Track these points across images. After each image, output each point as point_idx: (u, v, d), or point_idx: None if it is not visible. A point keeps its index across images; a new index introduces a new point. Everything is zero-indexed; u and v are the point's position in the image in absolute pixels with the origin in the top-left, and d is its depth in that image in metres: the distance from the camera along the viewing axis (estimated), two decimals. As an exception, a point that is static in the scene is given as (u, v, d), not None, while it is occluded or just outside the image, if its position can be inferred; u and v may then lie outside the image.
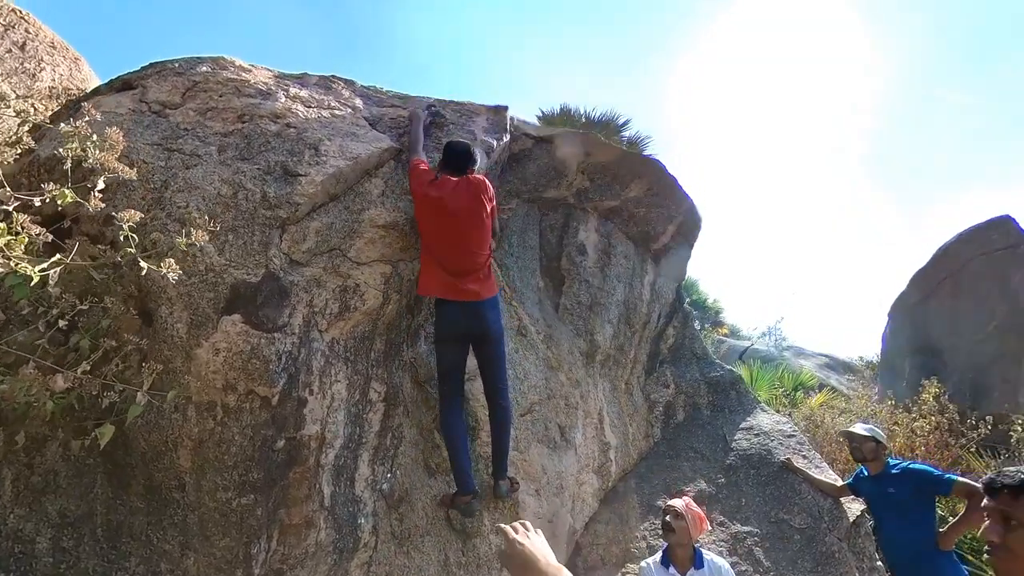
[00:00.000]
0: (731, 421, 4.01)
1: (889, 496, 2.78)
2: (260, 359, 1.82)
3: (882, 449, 2.95)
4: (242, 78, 2.47)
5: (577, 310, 3.64)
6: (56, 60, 3.67)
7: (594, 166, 3.73)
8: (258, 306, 1.86)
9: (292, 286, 1.96)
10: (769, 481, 3.47)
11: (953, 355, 6.46)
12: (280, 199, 1.98)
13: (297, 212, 2.00)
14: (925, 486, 2.68)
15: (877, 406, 6.52)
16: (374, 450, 2.22)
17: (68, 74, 3.74)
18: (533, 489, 2.76)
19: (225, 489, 1.81)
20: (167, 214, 1.94)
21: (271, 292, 1.90)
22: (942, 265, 6.73)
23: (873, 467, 2.93)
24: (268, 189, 1.99)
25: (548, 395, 3.13)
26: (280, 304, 1.91)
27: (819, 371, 9.52)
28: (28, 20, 3.58)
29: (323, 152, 2.15)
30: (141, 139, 2.12)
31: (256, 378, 1.82)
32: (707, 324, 11.53)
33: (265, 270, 1.91)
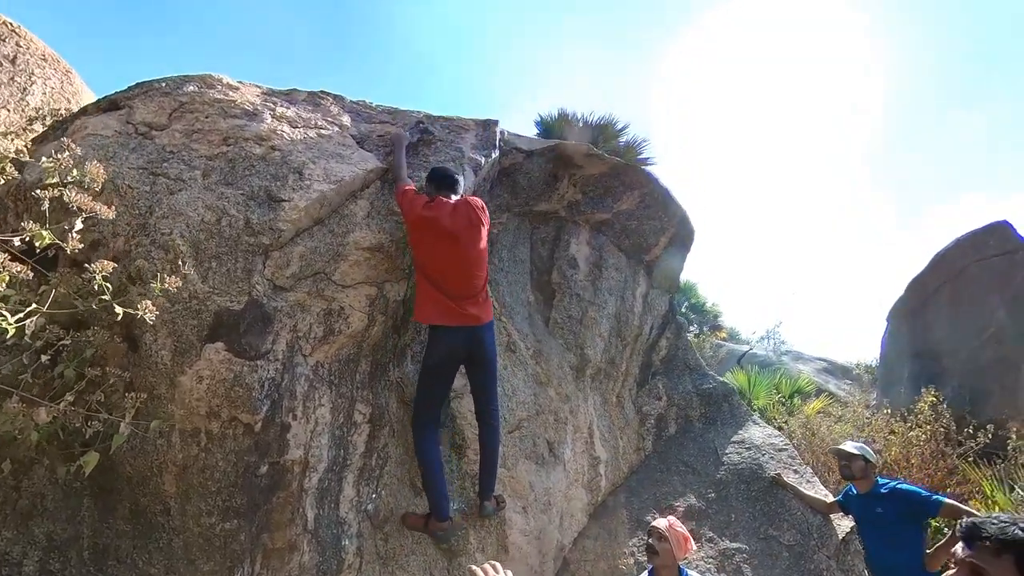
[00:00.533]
0: (723, 434, 4.05)
1: (876, 516, 2.81)
2: (243, 387, 1.85)
3: (871, 468, 2.98)
4: (229, 98, 2.50)
5: (568, 324, 3.67)
6: (47, 73, 3.70)
7: (586, 179, 3.76)
8: (241, 334, 1.89)
9: (276, 312, 2.00)
10: (759, 496, 3.50)
11: (952, 361, 6.49)
12: (263, 225, 2.01)
13: (280, 238, 2.03)
14: (912, 507, 2.71)
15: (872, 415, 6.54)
16: (359, 471, 2.26)
17: (59, 87, 3.77)
18: (520, 506, 2.80)
19: (209, 514, 1.85)
20: (151, 241, 1.98)
21: (254, 319, 1.93)
22: (940, 271, 6.75)
23: (862, 486, 2.96)
24: (251, 215, 2.02)
25: (537, 411, 3.16)
26: (263, 331, 1.94)
27: (817, 376, 9.55)
28: (19, 33, 3.60)
29: (307, 176, 2.18)
30: (127, 163, 2.15)
31: (239, 405, 1.86)
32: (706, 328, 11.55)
33: (248, 297, 1.94)
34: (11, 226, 1.99)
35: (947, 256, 6.64)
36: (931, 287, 6.79)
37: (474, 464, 2.65)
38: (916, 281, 7.07)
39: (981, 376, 6.06)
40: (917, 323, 6.97)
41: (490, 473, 2.48)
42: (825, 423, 6.34)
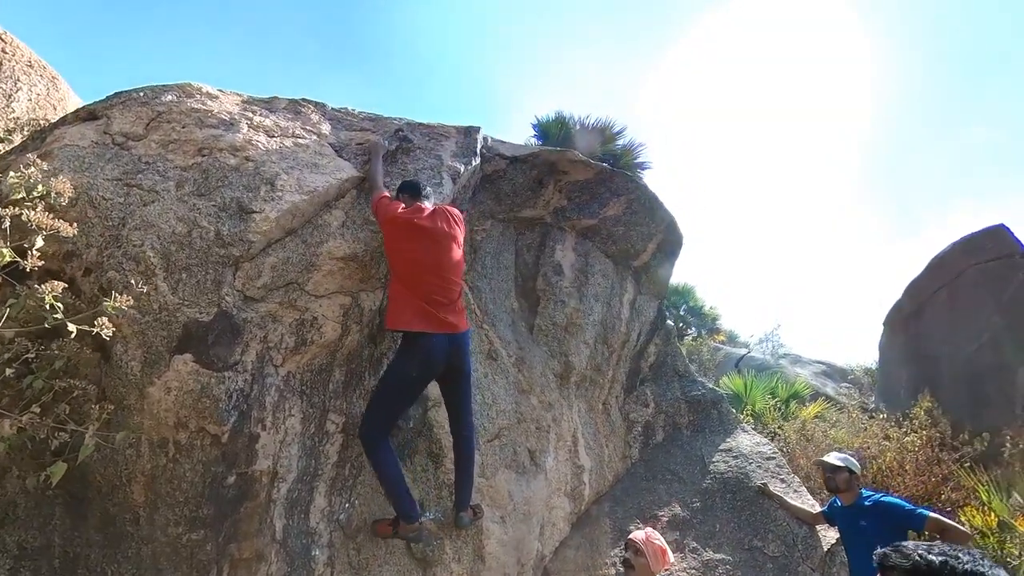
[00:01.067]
0: (710, 442, 4.05)
1: (860, 529, 2.80)
2: (210, 398, 1.88)
3: (855, 479, 2.97)
4: (206, 107, 2.53)
5: (552, 331, 3.68)
6: (33, 80, 3.75)
7: (571, 185, 3.77)
8: (209, 345, 1.92)
9: (245, 323, 2.02)
10: (745, 506, 3.50)
11: (949, 366, 6.47)
12: (234, 237, 2.04)
13: (251, 250, 2.06)
14: (896, 521, 2.69)
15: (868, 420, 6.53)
16: (331, 481, 2.28)
17: (45, 93, 3.82)
18: (499, 516, 2.81)
19: (176, 524, 1.88)
20: (123, 252, 2.01)
21: (223, 330, 1.96)
22: (937, 274, 6.73)
23: (846, 498, 2.96)
24: (222, 227, 2.05)
25: (518, 419, 3.17)
26: (232, 342, 1.97)
27: (816, 379, 9.52)
28: (4, 39, 3.65)
29: (279, 187, 2.20)
30: (102, 174, 2.19)
31: (206, 416, 1.88)
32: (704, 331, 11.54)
33: (217, 309, 1.97)
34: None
35: (944, 260, 6.62)
36: (928, 291, 6.77)
37: (451, 474, 2.67)
38: (913, 285, 7.05)
39: (978, 381, 6.04)
40: (914, 327, 6.95)
41: (466, 484, 2.48)
42: (820, 428, 6.33)
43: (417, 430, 2.67)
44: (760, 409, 6.82)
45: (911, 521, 2.67)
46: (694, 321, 11.79)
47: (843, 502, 2.97)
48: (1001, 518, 4.43)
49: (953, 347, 6.35)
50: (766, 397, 7.04)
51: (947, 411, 5.88)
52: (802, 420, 6.34)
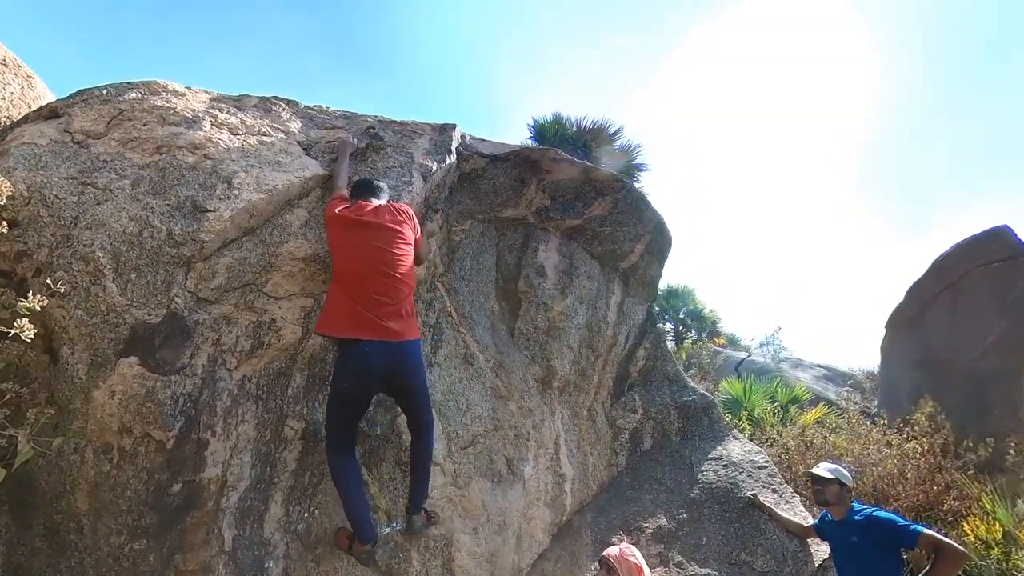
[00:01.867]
0: (700, 450, 3.96)
1: (851, 545, 2.70)
2: (155, 402, 1.83)
3: (846, 492, 2.86)
4: (170, 105, 2.50)
5: (534, 335, 3.62)
6: (7, 78, 3.73)
7: (555, 184, 3.71)
8: (156, 348, 1.87)
9: (197, 325, 1.97)
10: (733, 518, 3.41)
11: (952, 370, 6.34)
12: (185, 236, 2.00)
13: (203, 249, 2.02)
14: (889, 537, 2.58)
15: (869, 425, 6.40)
16: (289, 490, 2.23)
17: (19, 92, 3.80)
18: (471, 527, 2.74)
19: (119, 533, 1.83)
20: (73, 252, 1.97)
21: (171, 332, 1.91)
22: (939, 276, 6.62)
23: (837, 511, 2.85)
24: (174, 226, 2.01)
25: (495, 426, 3.11)
26: (180, 345, 1.92)
27: (817, 383, 9.39)
28: (-21, 39, 3.64)
29: (236, 185, 2.16)
30: (57, 172, 2.15)
31: (151, 421, 1.83)
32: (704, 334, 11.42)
33: (167, 310, 1.92)
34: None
35: (947, 261, 6.51)
36: (931, 293, 6.65)
37: (421, 482, 2.61)
38: (915, 287, 6.93)
39: (981, 386, 5.91)
40: (916, 331, 6.83)
41: (420, 486, 2.36)
42: (820, 434, 6.22)
43: (385, 436, 2.61)
44: (759, 414, 6.72)
45: (904, 538, 2.56)
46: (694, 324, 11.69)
47: (834, 516, 2.87)
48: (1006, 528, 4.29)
49: (956, 351, 6.23)
50: (765, 402, 6.94)
51: (950, 416, 5.75)
52: (802, 426, 6.23)
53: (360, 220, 2.16)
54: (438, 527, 2.63)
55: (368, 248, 2.12)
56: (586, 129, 9.83)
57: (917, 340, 6.78)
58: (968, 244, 6.34)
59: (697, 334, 11.50)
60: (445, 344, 3.03)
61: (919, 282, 6.91)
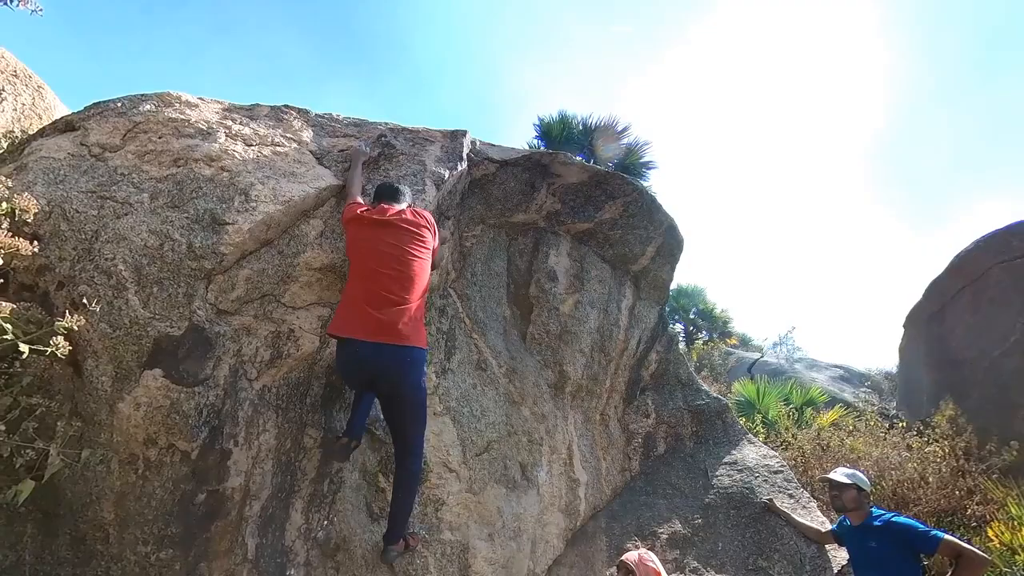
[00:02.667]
0: (714, 454, 4.00)
1: (870, 551, 2.72)
2: (180, 414, 1.90)
3: (864, 497, 2.88)
4: (184, 116, 2.57)
5: (546, 340, 3.66)
6: (18, 89, 3.84)
7: (565, 188, 3.76)
8: (179, 360, 1.94)
9: (218, 337, 2.04)
10: (749, 523, 3.44)
11: (973, 370, 6.31)
12: (205, 250, 2.06)
13: (223, 262, 2.08)
14: (909, 542, 2.60)
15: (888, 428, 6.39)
16: (309, 498, 2.29)
17: (31, 103, 3.91)
18: (486, 533, 2.80)
19: (145, 543, 1.90)
20: (95, 266, 2.04)
21: (194, 344, 1.98)
22: (959, 274, 6.58)
23: (855, 517, 2.87)
24: (194, 239, 2.08)
25: (508, 432, 3.16)
26: (203, 356, 1.99)
27: (833, 384, 9.36)
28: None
29: (254, 197, 2.23)
30: (76, 187, 2.23)
31: (176, 433, 1.90)
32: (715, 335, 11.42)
33: (189, 323, 1.99)
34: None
35: (967, 258, 6.47)
36: (950, 291, 6.62)
37: (435, 489, 2.67)
38: (934, 285, 6.90)
39: (1005, 386, 5.88)
40: (936, 330, 6.80)
41: (399, 515, 2.26)
42: (837, 437, 6.22)
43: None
44: (774, 417, 6.73)
45: (924, 543, 2.58)
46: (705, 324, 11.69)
47: (852, 521, 2.89)
48: (1033, 534, 4.28)
49: (978, 350, 6.20)
50: (780, 404, 6.94)
51: (972, 418, 5.73)
52: (818, 428, 6.23)
53: (379, 220, 2.22)
54: (454, 533, 2.70)
55: (383, 244, 2.14)
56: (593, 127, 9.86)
57: (937, 339, 6.76)
58: (989, 239, 6.30)
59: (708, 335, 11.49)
60: (459, 350, 3.08)
61: (938, 279, 6.88)
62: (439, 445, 2.77)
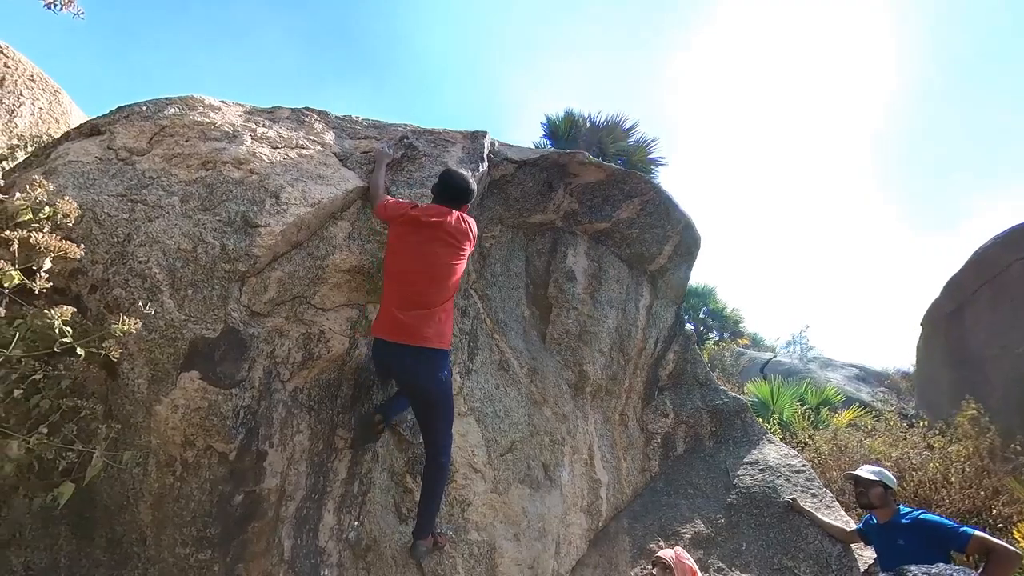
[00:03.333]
0: (735, 454, 4.03)
1: (898, 548, 2.73)
2: (217, 415, 1.94)
3: (891, 495, 2.90)
4: (209, 120, 2.62)
5: (566, 340, 3.70)
6: (36, 94, 3.90)
7: (582, 187, 3.80)
8: (216, 362, 1.98)
9: (252, 339, 2.09)
10: (773, 523, 3.47)
11: (995, 368, 6.32)
12: (239, 252, 2.11)
13: (256, 264, 2.13)
14: (938, 540, 2.60)
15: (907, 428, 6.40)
16: (340, 498, 2.33)
17: (48, 107, 3.97)
18: (512, 533, 2.84)
19: (183, 544, 1.94)
20: (129, 269, 2.09)
21: (230, 346, 2.02)
22: (978, 271, 6.59)
23: (881, 515, 2.89)
24: (227, 242, 2.12)
25: (531, 432, 3.20)
26: (239, 358, 2.03)
27: (849, 384, 9.37)
28: (7, 54, 3.81)
29: (284, 200, 2.27)
30: (106, 190, 2.28)
31: (214, 434, 1.94)
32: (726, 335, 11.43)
33: (224, 324, 2.04)
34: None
35: (987, 254, 6.48)
36: (970, 288, 6.63)
37: (461, 489, 2.71)
38: (953, 282, 6.91)
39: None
40: (955, 328, 6.81)
41: (428, 510, 2.34)
42: (855, 437, 6.23)
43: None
44: (789, 417, 6.74)
45: (954, 540, 2.59)
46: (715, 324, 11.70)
47: (879, 519, 2.92)
48: (1061, 534, 4.29)
49: (999, 348, 6.21)
50: (795, 404, 6.96)
51: (995, 417, 5.73)
52: (834, 428, 6.25)
53: (425, 222, 2.26)
54: (480, 533, 2.74)
55: (422, 248, 2.22)
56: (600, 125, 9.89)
57: (956, 337, 6.76)
58: (1009, 235, 6.31)
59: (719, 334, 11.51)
60: (481, 351, 3.13)
61: (956, 277, 6.89)
62: (464, 445, 2.81)
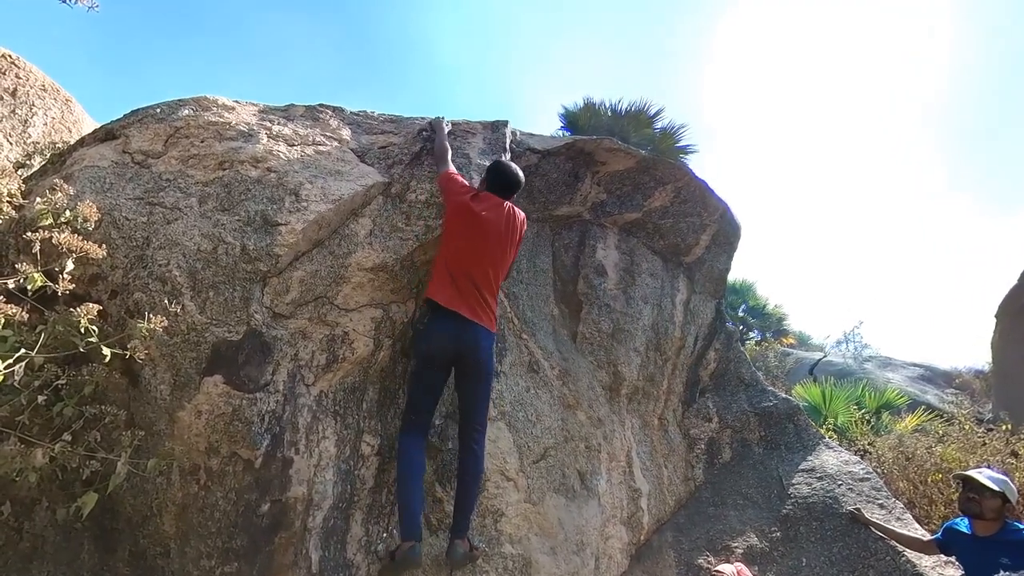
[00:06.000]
0: (788, 461, 3.93)
1: (1000, 566, 2.53)
2: (242, 421, 1.99)
3: (1008, 510, 2.67)
4: (224, 119, 2.70)
5: (598, 339, 3.68)
6: (48, 103, 4.10)
7: (611, 176, 3.79)
8: (239, 365, 2.04)
9: (275, 341, 2.14)
10: (836, 537, 3.37)
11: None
12: (260, 252, 2.17)
13: (278, 264, 2.18)
14: None
15: (985, 433, 6.14)
16: (368, 508, 2.36)
17: (60, 116, 4.16)
18: (548, 547, 2.82)
19: (208, 556, 1.99)
20: (149, 272, 2.16)
21: (253, 349, 2.08)
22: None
23: (984, 527, 2.68)
24: (248, 242, 2.18)
25: (565, 438, 3.18)
26: (263, 361, 2.08)
27: (912, 385, 9.04)
28: (19, 64, 4.02)
29: (304, 197, 2.33)
30: (123, 194, 2.37)
31: (238, 440, 1.99)
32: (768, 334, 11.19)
33: (247, 327, 2.09)
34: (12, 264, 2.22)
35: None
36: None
37: (493, 499, 2.71)
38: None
39: None
40: (1035, 319, 6.52)
41: (468, 505, 2.39)
42: (924, 444, 5.98)
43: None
44: (844, 423, 6.55)
45: None
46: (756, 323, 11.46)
47: (978, 531, 2.71)
48: None
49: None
50: (850, 408, 6.75)
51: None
52: (898, 435, 6.04)
53: (484, 223, 2.48)
54: (515, 546, 2.72)
55: (480, 248, 2.47)
56: (622, 113, 9.81)
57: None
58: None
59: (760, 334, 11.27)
60: (509, 352, 3.13)
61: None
62: (495, 452, 2.81)
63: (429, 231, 2.60)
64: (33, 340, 1.84)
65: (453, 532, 2.38)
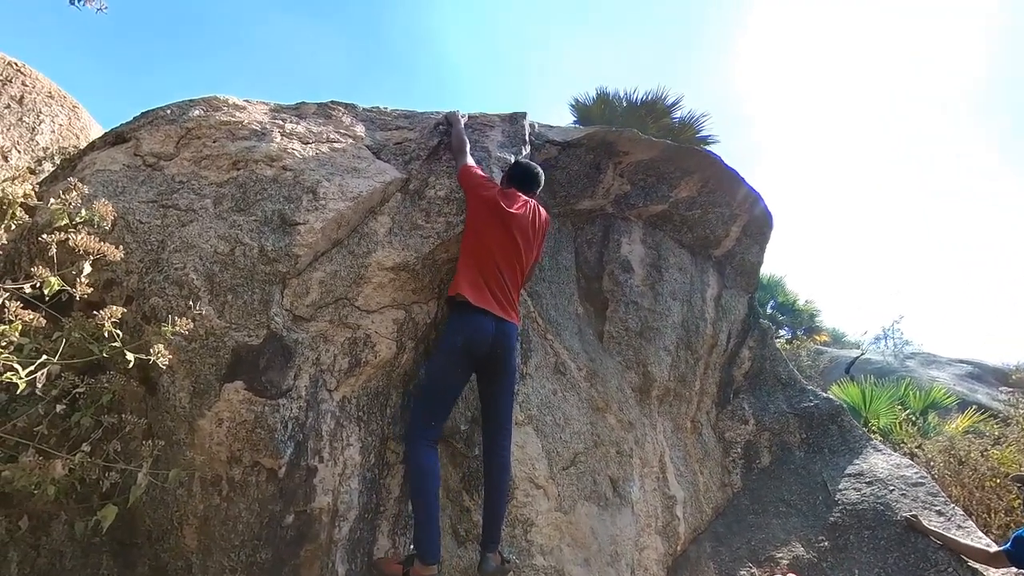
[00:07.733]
0: (833, 464, 3.84)
1: None
2: (265, 428, 1.99)
3: None
4: (236, 119, 2.72)
5: (626, 338, 3.64)
6: (55, 110, 4.18)
7: (634, 166, 3.76)
8: (261, 370, 2.03)
9: (296, 344, 2.14)
10: (891, 546, 3.27)
11: None
12: (279, 252, 2.17)
13: (297, 264, 2.18)
14: None
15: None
16: (394, 519, 2.34)
17: (67, 123, 4.24)
18: (582, 558, 2.78)
19: (232, 571, 1.98)
20: (165, 277, 2.18)
21: (274, 353, 2.07)
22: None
23: None
24: (266, 242, 2.19)
25: (595, 442, 3.14)
26: (284, 366, 2.08)
27: (960, 383, 8.80)
28: (25, 72, 4.10)
29: (322, 195, 2.33)
30: (136, 197, 2.39)
31: (261, 449, 1.99)
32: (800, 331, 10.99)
33: (267, 330, 2.09)
34: (25, 271, 2.25)
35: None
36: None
37: (523, 508, 2.67)
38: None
39: None
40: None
41: (497, 515, 2.36)
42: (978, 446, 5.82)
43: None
44: (887, 424, 6.41)
45: None
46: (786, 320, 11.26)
47: None
48: None
49: None
50: (894, 408, 6.60)
51: None
52: (949, 437, 5.88)
53: (511, 220, 2.50)
54: (546, 557, 2.69)
55: (508, 246, 2.50)
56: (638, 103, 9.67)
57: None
58: None
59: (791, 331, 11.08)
60: (534, 353, 3.10)
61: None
62: (523, 458, 2.78)
63: (450, 228, 2.58)
64: (50, 348, 1.86)
65: (484, 545, 2.35)
